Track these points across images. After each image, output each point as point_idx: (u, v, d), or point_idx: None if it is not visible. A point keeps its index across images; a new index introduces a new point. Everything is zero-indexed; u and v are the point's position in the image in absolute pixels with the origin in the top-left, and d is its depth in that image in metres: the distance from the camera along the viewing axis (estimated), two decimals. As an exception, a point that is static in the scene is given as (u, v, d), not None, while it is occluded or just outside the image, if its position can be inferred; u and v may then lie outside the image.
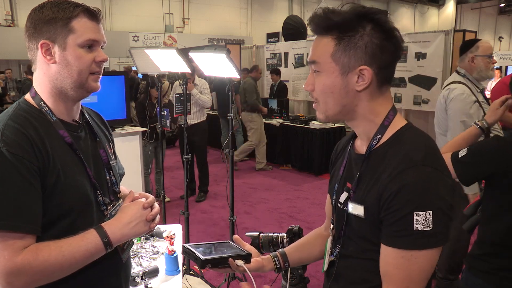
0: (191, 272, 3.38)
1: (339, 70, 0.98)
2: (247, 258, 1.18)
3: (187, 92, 4.15)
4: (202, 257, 1.10)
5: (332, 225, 1.19)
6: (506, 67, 13.73)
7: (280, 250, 1.31)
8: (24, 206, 0.97)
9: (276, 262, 1.27)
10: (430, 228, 0.89)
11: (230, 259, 1.14)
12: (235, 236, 1.27)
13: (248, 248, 1.24)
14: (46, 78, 1.11)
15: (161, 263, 2.03)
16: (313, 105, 1.07)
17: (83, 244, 1.03)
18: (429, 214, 0.89)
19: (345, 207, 1.09)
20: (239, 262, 1.15)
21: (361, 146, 1.09)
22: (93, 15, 1.11)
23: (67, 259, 1.00)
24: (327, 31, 0.98)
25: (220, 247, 1.20)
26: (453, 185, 0.96)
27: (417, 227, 0.89)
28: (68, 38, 1.07)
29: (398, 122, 1.03)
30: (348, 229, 1.07)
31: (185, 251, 1.17)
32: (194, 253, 1.13)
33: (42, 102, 1.11)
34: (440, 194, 0.91)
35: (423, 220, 0.88)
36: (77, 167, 1.11)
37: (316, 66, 1.01)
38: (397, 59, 1.01)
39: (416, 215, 0.88)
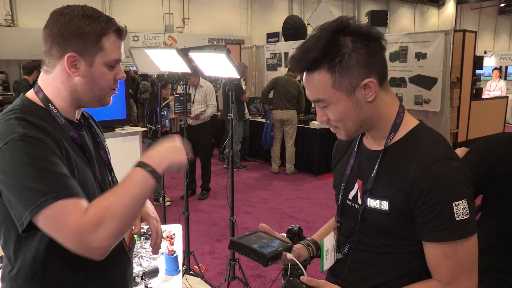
0: (191, 272, 3.38)
1: (345, 94, 0.99)
2: (290, 249, 1.17)
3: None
4: (268, 254, 1.06)
5: (337, 223, 1.19)
6: (506, 67, 13.73)
7: (309, 238, 1.30)
8: (67, 178, 0.96)
9: (310, 251, 1.27)
10: (468, 216, 0.93)
11: (283, 252, 1.11)
12: (264, 226, 1.23)
13: (279, 236, 1.22)
14: (63, 87, 1.09)
15: (161, 263, 2.03)
16: (331, 129, 1.08)
17: (132, 180, 0.99)
18: (465, 202, 0.94)
19: (354, 204, 1.11)
20: (289, 255, 1.13)
21: (371, 143, 1.11)
22: (122, 34, 1.10)
23: (127, 197, 0.96)
24: (315, 68, 0.98)
25: (261, 239, 1.16)
26: (470, 176, 1.00)
27: (458, 217, 0.93)
28: (96, 56, 1.06)
29: (410, 120, 1.06)
30: (362, 225, 1.08)
31: (238, 246, 1.10)
32: (255, 249, 1.08)
33: (50, 104, 1.09)
34: (466, 183, 0.96)
35: (462, 208, 0.93)
36: (86, 167, 1.11)
37: (323, 103, 1.02)
38: (384, 50, 1.01)
39: (456, 204, 0.93)
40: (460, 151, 1.88)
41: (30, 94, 1.11)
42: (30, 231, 0.94)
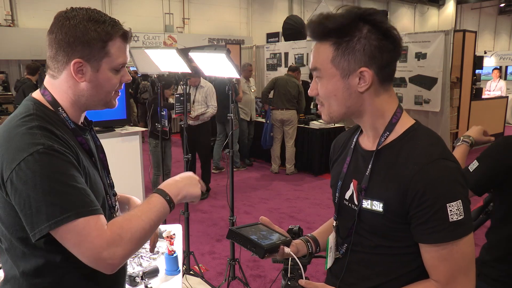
0: (191, 272, 3.38)
1: (340, 74, 1.00)
2: (289, 243, 1.16)
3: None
4: (265, 246, 1.06)
5: (335, 222, 1.19)
6: (506, 67, 13.73)
7: (309, 234, 1.31)
8: (88, 191, 1.00)
9: (309, 247, 1.27)
10: (463, 217, 0.93)
11: (281, 245, 1.12)
12: (265, 219, 1.24)
13: (279, 230, 1.23)
14: (70, 91, 1.09)
15: (161, 263, 2.03)
16: (318, 106, 1.10)
17: (152, 207, 1.07)
18: (459, 203, 0.93)
19: (351, 204, 1.11)
20: (287, 250, 1.13)
21: (367, 143, 1.11)
22: (127, 37, 1.11)
23: (146, 223, 1.03)
24: (325, 37, 1.01)
25: (260, 231, 1.16)
26: (466, 176, 1.01)
27: (452, 218, 0.93)
28: (102, 61, 1.07)
29: (407, 120, 1.06)
30: (358, 226, 1.08)
31: (236, 235, 1.11)
32: (252, 240, 1.08)
33: (60, 108, 1.09)
34: (462, 184, 0.96)
35: (456, 209, 0.93)
36: (95, 172, 1.12)
37: (318, 73, 1.04)
38: (397, 56, 1.02)
39: (449, 206, 0.93)
40: (476, 130, 1.77)
41: (37, 95, 1.11)
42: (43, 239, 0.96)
